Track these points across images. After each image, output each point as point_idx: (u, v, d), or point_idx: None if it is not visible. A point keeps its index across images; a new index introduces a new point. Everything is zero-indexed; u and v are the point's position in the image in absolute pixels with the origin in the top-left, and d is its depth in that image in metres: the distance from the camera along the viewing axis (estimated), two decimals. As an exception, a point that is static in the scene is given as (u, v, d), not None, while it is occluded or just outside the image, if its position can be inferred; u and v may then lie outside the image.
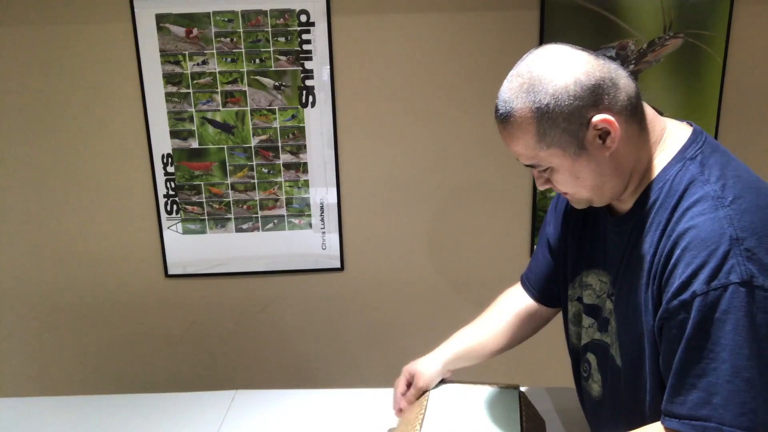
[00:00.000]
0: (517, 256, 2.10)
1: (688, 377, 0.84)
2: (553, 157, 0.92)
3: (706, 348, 0.82)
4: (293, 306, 2.13)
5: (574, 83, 0.88)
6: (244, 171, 2.00)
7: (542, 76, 0.89)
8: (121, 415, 1.44)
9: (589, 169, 0.92)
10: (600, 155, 0.91)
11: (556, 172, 0.95)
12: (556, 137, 0.90)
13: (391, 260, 2.10)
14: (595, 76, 0.88)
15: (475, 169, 2.03)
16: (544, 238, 1.23)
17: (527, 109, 0.90)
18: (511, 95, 0.92)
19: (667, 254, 0.87)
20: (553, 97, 0.88)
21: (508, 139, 0.95)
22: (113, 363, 2.17)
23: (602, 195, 0.96)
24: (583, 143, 0.90)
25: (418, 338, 2.17)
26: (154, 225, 2.04)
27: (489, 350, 1.30)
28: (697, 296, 0.82)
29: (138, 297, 2.11)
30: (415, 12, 1.91)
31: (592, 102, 0.88)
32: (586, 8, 1.88)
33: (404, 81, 1.96)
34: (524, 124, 0.91)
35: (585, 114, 0.88)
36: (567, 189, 0.97)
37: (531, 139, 0.91)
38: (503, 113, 0.93)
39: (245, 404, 1.48)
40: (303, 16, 1.89)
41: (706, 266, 0.82)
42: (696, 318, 0.83)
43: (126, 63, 1.91)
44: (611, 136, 0.89)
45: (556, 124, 0.89)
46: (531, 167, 0.98)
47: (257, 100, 1.95)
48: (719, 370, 0.81)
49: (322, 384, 2.17)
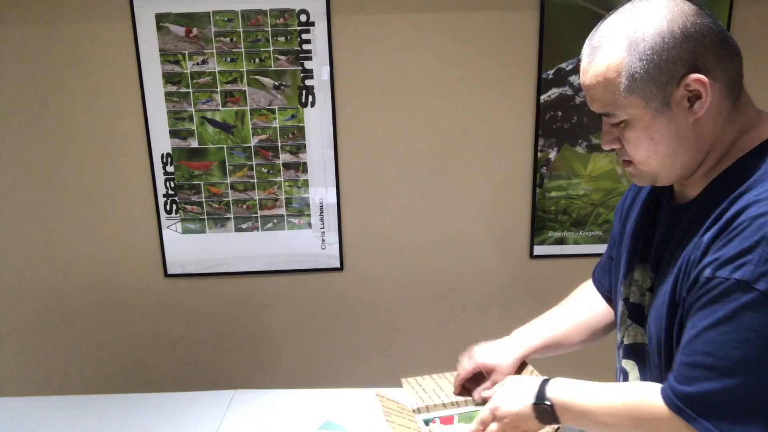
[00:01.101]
0: (517, 256, 2.10)
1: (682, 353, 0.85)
2: (633, 107, 0.84)
3: (688, 323, 0.83)
4: (292, 306, 2.13)
5: (680, 30, 0.80)
6: (243, 171, 2.00)
7: (645, 17, 0.82)
8: (121, 415, 1.44)
9: (667, 131, 0.84)
10: (683, 119, 0.83)
11: (630, 127, 0.86)
12: (641, 84, 0.82)
13: (391, 260, 2.10)
14: (703, 31, 0.81)
15: (475, 169, 2.03)
16: (611, 236, 1.18)
17: (621, 45, 0.83)
18: (610, 28, 0.85)
19: (712, 239, 0.82)
20: (651, 38, 0.81)
21: (591, 76, 0.86)
22: (112, 362, 2.17)
23: (672, 168, 0.88)
24: (668, 100, 0.82)
25: (418, 338, 2.18)
26: (154, 224, 2.04)
27: (567, 345, 1.22)
28: (703, 279, 0.81)
29: (137, 296, 2.11)
30: (415, 12, 1.90)
31: (691, 57, 0.81)
32: (586, 8, 1.88)
33: (404, 81, 1.96)
34: (612, 61, 0.83)
35: (680, 68, 0.81)
36: (637, 151, 0.88)
37: (615, 80, 0.83)
38: (595, 44, 0.86)
39: (244, 404, 1.48)
40: (303, 15, 1.89)
41: (725, 255, 0.79)
42: (696, 299, 0.82)
43: (126, 62, 1.91)
44: (701, 101, 0.82)
45: (646, 69, 0.81)
46: (604, 116, 0.89)
47: (257, 99, 1.95)
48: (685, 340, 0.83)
49: (321, 384, 2.17)
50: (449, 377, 1.35)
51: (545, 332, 1.23)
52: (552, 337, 1.23)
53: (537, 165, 2.02)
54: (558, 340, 1.23)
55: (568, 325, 1.23)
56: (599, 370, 1.28)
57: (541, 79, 1.95)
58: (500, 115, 1.99)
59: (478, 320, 2.15)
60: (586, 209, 2.06)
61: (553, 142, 2.00)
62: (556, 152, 2.01)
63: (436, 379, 1.35)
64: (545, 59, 1.93)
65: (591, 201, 2.05)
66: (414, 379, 1.35)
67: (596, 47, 0.86)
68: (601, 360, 1.54)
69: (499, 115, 1.99)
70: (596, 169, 2.02)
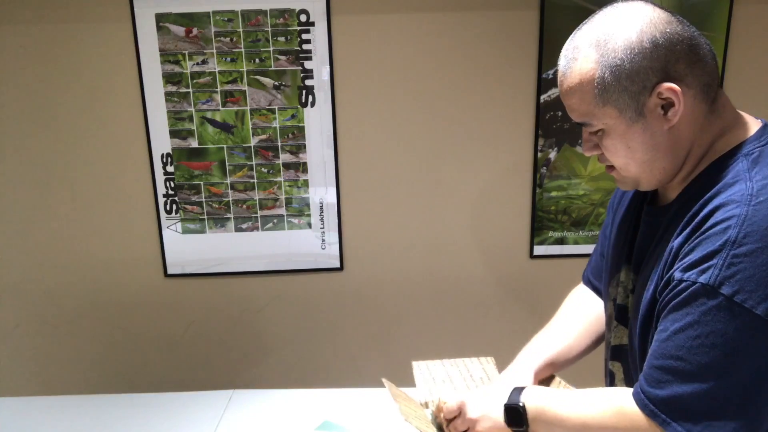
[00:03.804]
0: (517, 256, 2.10)
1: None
2: (608, 117, 0.85)
3: (659, 327, 0.84)
4: (292, 306, 2.13)
5: (649, 41, 0.81)
6: (243, 171, 2.00)
7: (615, 28, 0.83)
8: (120, 415, 1.45)
9: (642, 139, 0.85)
10: (658, 127, 0.85)
11: (607, 135, 0.88)
12: (614, 95, 0.83)
13: (391, 260, 2.10)
14: (672, 40, 0.81)
15: (475, 169, 2.03)
16: (602, 229, 1.19)
17: (592, 58, 0.84)
18: (582, 40, 0.86)
19: (682, 243, 0.83)
20: (622, 50, 0.82)
21: (566, 88, 0.89)
22: (112, 362, 2.17)
23: (651, 174, 0.89)
24: (642, 109, 0.84)
25: (418, 338, 2.17)
26: (154, 224, 2.04)
27: (575, 353, 1.19)
28: (673, 281, 0.82)
29: (137, 296, 2.11)
30: (415, 12, 1.90)
31: (661, 66, 0.81)
32: (586, 8, 1.88)
33: (404, 81, 1.96)
34: (585, 73, 0.85)
35: (651, 77, 0.82)
36: (615, 158, 0.89)
37: (589, 92, 0.85)
38: (568, 55, 0.88)
39: (242, 404, 1.48)
40: (303, 15, 1.89)
41: (692, 258, 0.80)
42: (666, 301, 0.83)
43: (126, 62, 1.91)
44: (674, 108, 0.83)
45: (618, 80, 0.82)
46: (582, 126, 0.91)
47: (257, 99, 1.95)
48: (656, 343, 0.84)
49: (320, 383, 2.17)
50: (460, 366, 1.34)
51: (551, 346, 1.18)
52: (559, 350, 1.18)
53: (537, 165, 2.02)
54: (566, 351, 1.19)
55: (572, 334, 1.20)
56: (598, 372, 1.27)
57: (541, 79, 1.95)
58: (500, 115, 1.99)
59: (478, 320, 2.15)
60: (586, 209, 2.05)
61: (553, 142, 2.00)
62: (556, 152, 2.01)
63: (447, 366, 1.34)
64: (545, 59, 1.93)
65: (591, 201, 2.05)
66: (425, 364, 1.34)
67: (570, 59, 0.88)
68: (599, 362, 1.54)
69: (499, 115, 1.98)
70: (596, 169, 2.02)
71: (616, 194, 1.13)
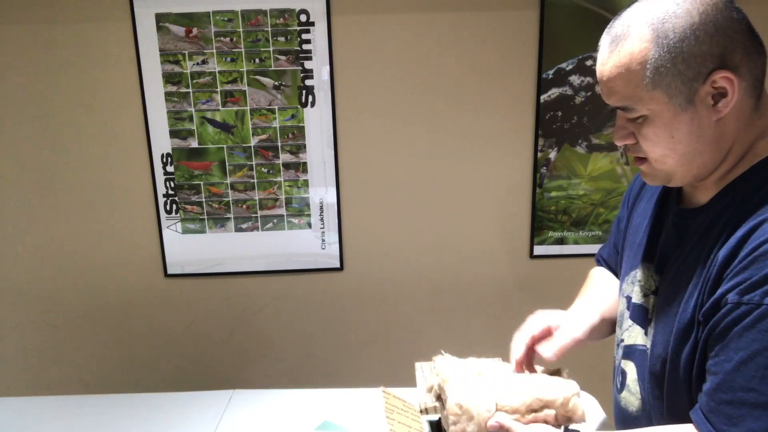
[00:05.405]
0: (517, 256, 2.10)
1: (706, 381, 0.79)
2: (655, 102, 0.80)
3: (720, 355, 0.78)
4: (292, 306, 2.13)
5: (713, 24, 0.76)
6: (243, 171, 2.00)
7: (676, 7, 0.78)
8: (121, 415, 1.45)
9: (689, 129, 0.80)
10: (706, 118, 0.79)
11: (649, 123, 0.82)
12: (667, 78, 0.78)
13: (391, 260, 2.10)
14: (734, 27, 0.78)
15: (475, 168, 2.03)
16: (616, 221, 1.14)
17: (646, 37, 0.78)
18: (635, 17, 0.80)
19: (728, 258, 0.77)
20: (681, 31, 0.77)
21: (611, 67, 0.82)
22: (112, 362, 2.17)
23: (689, 169, 0.84)
24: (693, 97, 0.78)
25: (418, 338, 2.17)
26: (154, 224, 2.04)
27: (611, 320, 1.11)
28: (728, 304, 0.76)
29: (137, 296, 2.11)
30: (415, 12, 1.90)
31: (720, 53, 0.77)
32: (586, 8, 1.88)
33: (404, 81, 1.96)
34: (637, 53, 0.78)
35: (708, 63, 0.77)
36: (654, 149, 0.83)
37: (638, 73, 0.79)
38: (617, 33, 0.81)
39: (242, 403, 1.48)
40: (303, 15, 1.89)
41: (749, 278, 0.74)
42: (723, 326, 0.77)
43: (126, 62, 1.91)
44: (726, 99, 0.78)
45: (674, 63, 0.77)
46: (621, 110, 0.84)
47: (257, 99, 1.95)
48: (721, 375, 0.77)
49: (320, 384, 2.17)
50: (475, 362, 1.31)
51: (604, 301, 1.11)
52: (610, 308, 1.11)
53: (537, 165, 2.02)
54: (610, 312, 1.11)
55: (612, 298, 1.13)
56: (603, 368, 1.27)
57: (541, 79, 1.94)
58: (500, 115, 1.99)
59: (478, 320, 2.15)
60: (586, 209, 2.05)
61: (553, 142, 2.00)
62: (556, 152, 2.01)
63: (462, 363, 1.31)
64: (545, 59, 1.93)
65: (591, 201, 2.05)
66: (428, 364, 1.32)
67: (619, 36, 0.81)
68: (603, 358, 1.54)
69: (499, 115, 1.98)
70: (596, 169, 2.02)
71: (633, 187, 1.09)
